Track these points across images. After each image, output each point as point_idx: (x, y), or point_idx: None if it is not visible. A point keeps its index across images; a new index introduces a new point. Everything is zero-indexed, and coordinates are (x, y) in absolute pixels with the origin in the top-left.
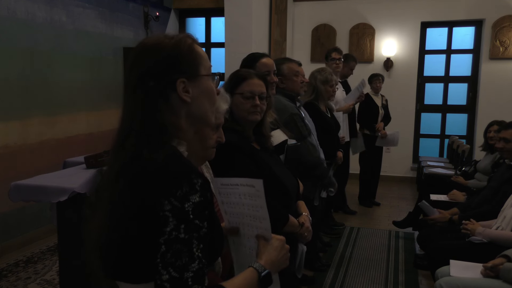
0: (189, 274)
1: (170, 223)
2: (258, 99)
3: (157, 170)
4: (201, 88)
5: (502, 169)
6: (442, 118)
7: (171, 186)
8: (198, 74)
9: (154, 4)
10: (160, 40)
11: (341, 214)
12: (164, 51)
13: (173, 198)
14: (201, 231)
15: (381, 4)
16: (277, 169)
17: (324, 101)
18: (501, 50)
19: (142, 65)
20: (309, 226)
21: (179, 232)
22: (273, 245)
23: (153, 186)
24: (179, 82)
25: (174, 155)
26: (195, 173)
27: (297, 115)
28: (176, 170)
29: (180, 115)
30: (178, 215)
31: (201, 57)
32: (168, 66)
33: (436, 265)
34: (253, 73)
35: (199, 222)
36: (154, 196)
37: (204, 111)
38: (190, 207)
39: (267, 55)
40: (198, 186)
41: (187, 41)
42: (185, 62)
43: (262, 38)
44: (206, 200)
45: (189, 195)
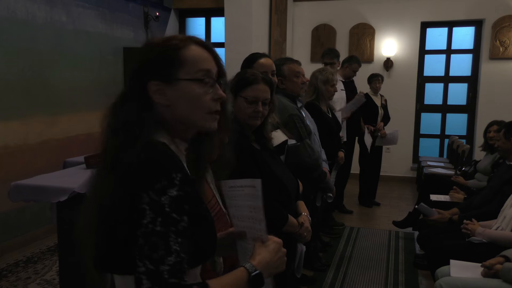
0: (165, 267)
1: (147, 216)
2: (261, 104)
3: (139, 165)
4: (179, 92)
5: (502, 169)
6: (442, 118)
7: (150, 180)
8: (175, 78)
9: (154, 4)
10: (148, 41)
11: (337, 213)
12: (145, 53)
13: (151, 191)
14: (179, 225)
15: (381, 4)
16: (277, 169)
17: (325, 101)
18: (501, 50)
19: (133, 64)
20: (308, 226)
21: (155, 225)
22: (269, 247)
23: (134, 180)
24: (150, 85)
25: (156, 151)
26: (175, 168)
27: (296, 116)
28: (156, 165)
29: (165, 116)
30: (154, 208)
31: (185, 61)
32: (144, 68)
33: (436, 265)
34: (260, 78)
35: (176, 216)
36: (135, 189)
37: (185, 115)
38: (167, 201)
39: (266, 56)
40: (177, 180)
41: (170, 43)
42: (160, 64)
43: (262, 38)
44: (187, 195)
45: (166, 188)
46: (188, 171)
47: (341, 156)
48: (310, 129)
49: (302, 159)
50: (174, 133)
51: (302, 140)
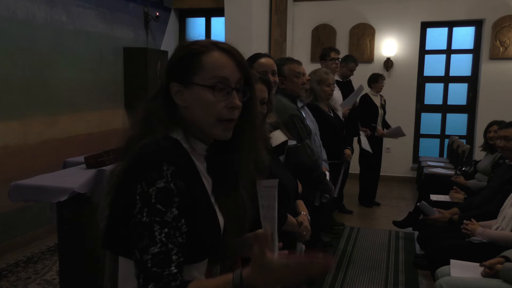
0: (148, 256)
1: (136, 206)
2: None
3: (139, 157)
4: (194, 96)
5: (502, 169)
6: (442, 118)
7: (144, 172)
8: (191, 82)
9: (154, 4)
10: (178, 45)
11: (337, 213)
12: (173, 56)
13: (144, 182)
14: (166, 216)
15: (381, 4)
16: (275, 169)
17: (323, 101)
18: (501, 50)
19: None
20: (307, 226)
21: (142, 215)
22: (271, 264)
23: (134, 171)
24: (172, 85)
25: (158, 144)
26: (169, 161)
27: (296, 116)
28: (151, 157)
29: (184, 116)
30: (143, 199)
31: (203, 66)
32: (169, 69)
33: (436, 265)
34: (257, 77)
35: (161, 207)
36: (133, 179)
37: (196, 119)
38: (154, 192)
39: (267, 55)
40: (168, 173)
41: (191, 48)
42: (182, 68)
43: (262, 38)
44: (177, 187)
45: (155, 179)
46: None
47: (348, 153)
48: (310, 130)
49: (301, 160)
50: (191, 133)
51: (302, 141)
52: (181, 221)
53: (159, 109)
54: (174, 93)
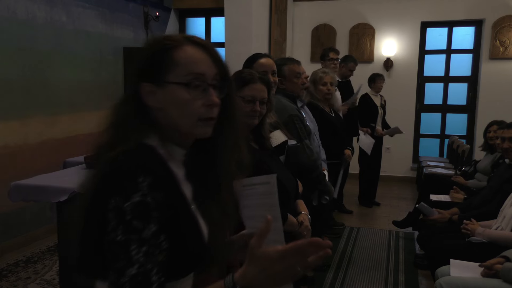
0: (125, 279)
1: (110, 223)
2: (258, 104)
3: (112, 168)
4: (168, 96)
5: (501, 168)
6: (442, 118)
7: (117, 185)
8: (164, 80)
9: (154, 4)
10: (148, 41)
11: (337, 213)
12: (141, 53)
13: (117, 197)
14: (143, 233)
15: (381, 4)
16: (276, 169)
17: (322, 100)
18: (501, 50)
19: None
20: (308, 225)
21: (116, 233)
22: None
23: (106, 184)
24: (143, 86)
25: (132, 154)
26: (145, 172)
27: (296, 117)
28: (124, 168)
29: (158, 119)
30: (117, 215)
31: (176, 63)
32: (139, 68)
33: (436, 265)
34: (256, 77)
35: (138, 223)
36: (105, 194)
37: (173, 120)
38: (129, 207)
39: (267, 56)
40: (145, 185)
41: (162, 43)
42: (153, 66)
43: (262, 38)
44: (155, 200)
45: (130, 193)
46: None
47: (348, 154)
48: (309, 130)
49: (300, 160)
50: (167, 137)
51: (301, 141)
52: (161, 237)
53: (130, 114)
54: (145, 95)
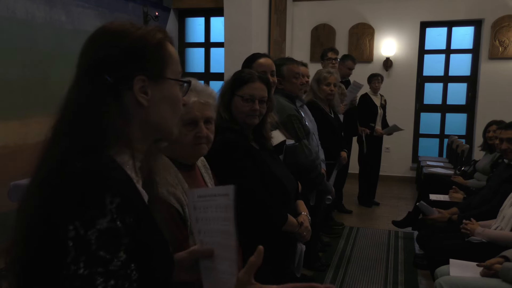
0: None
1: (70, 254)
2: (258, 103)
3: (70, 186)
4: (164, 92)
5: (500, 168)
6: (441, 118)
7: (79, 207)
8: (163, 76)
9: (153, 4)
10: (125, 27)
11: (336, 213)
12: (128, 40)
13: (78, 222)
14: (111, 264)
15: (380, 4)
16: (276, 169)
17: (323, 100)
18: (501, 50)
19: (99, 52)
20: (308, 226)
21: (78, 266)
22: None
23: (62, 206)
24: (137, 80)
25: (95, 167)
26: (112, 191)
27: (294, 117)
28: (88, 187)
29: (132, 120)
30: (78, 245)
31: (171, 58)
32: (129, 58)
33: (435, 265)
34: (256, 76)
35: (105, 253)
36: (61, 218)
37: (163, 120)
38: (94, 235)
39: (266, 56)
40: (113, 208)
41: (156, 35)
42: (150, 58)
43: (261, 38)
44: (125, 225)
45: (96, 219)
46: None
47: (343, 156)
48: (308, 129)
49: (299, 160)
50: (135, 143)
51: (300, 141)
52: (131, 266)
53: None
54: (138, 90)
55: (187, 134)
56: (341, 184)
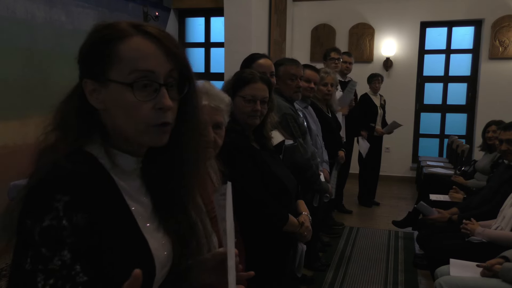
0: None
1: (19, 249)
2: (259, 103)
3: (29, 185)
4: (112, 96)
5: (501, 169)
6: (441, 118)
7: (31, 204)
8: (105, 78)
9: (153, 4)
10: (95, 27)
11: (336, 213)
12: (85, 41)
13: (30, 218)
14: (51, 263)
15: (380, 4)
16: (277, 169)
17: (321, 100)
18: (501, 50)
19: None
20: (309, 226)
21: (24, 261)
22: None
23: (25, 202)
24: (85, 82)
25: (53, 165)
26: (62, 189)
27: (290, 116)
28: (40, 185)
29: (105, 121)
30: (27, 239)
31: (120, 58)
32: (82, 60)
33: (435, 265)
34: (257, 77)
35: (47, 251)
36: (22, 214)
37: (120, 125)
38: (37, 231)
39: (266, 56)
40: (60, 205)
41: (108, 33)
42: (92, 59)
43: (261, 38)
44: (72, 223)
45: (42, 215)
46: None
47: (341, 155)
48: (305, 129)
49: (295, 159)
50: (114, 143)
51: (295, 140)
52: (76, 268)
53: (70, 113)
54: (88, 93)
55: None
56: (342, 184)
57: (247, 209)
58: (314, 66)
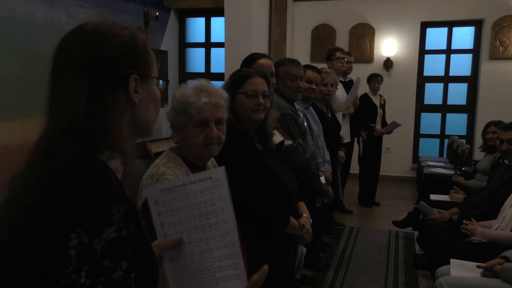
0: None
1: (72, 263)
2: (261, 97)
3: (71, 192)
4: (150, 92)
5: (501, 169)
6: (442, 118)
7: (82, 216)
8: (150, 75)
9: (154, 4)
10: (111, 27)
11: (336, 213)
12: (120, 40)
13: (81, 231)
14: (114, 274)
15: (381, 4)
16: (279, 170)
17: (320, 100)
18: (501, 50)
19: (88, 50)
20: (309, 228)
21: (79, 275)
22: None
23: (62, 213)
24: (132, 79)
25: (97, 173)
26: (117, 200)
27: (289, 115)
28: (92, 194)
29: (123, 119)
30: (82, 254)
31: (153, 57)
32: (122, 57)
33: (435, 265)
34: (254, 72)
35: (110, 263)
36: (61, 226)
37: (149, 118)
38: (100, 244)
39: (266, 56)
40: (118, 217)
41: (142, 36)
42: (139, 57)
43: (262, 38)
44: (130, 234)
45: (102, 228)
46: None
47: (341, 155)
48: (304, 129)
49: (293, 159)
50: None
51: (294, 140)
52: (131, 275)
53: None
54: (132, 89)
55: (197, 135)
56: (342, 184)
57: (248, 210)
58: (316, 67)
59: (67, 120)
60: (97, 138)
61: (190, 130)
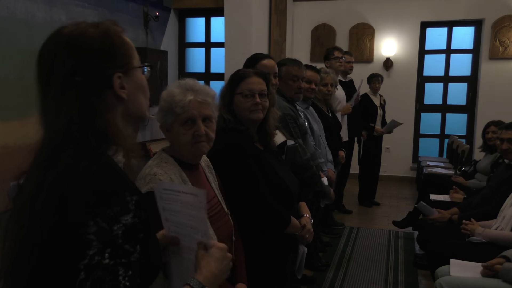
0: None
1: (93, 246)
2: (258, 96)
3: (85, 185)
4: (136, 82)
5: (501, 168)
6: (441, 118)
7: (99, 204)
8: (132, 66)
9: (153, 4)
10: (85, 29)
11: (336, 213)
12: (95, 42)
13: (100, 219)
14: (132, 256)
15: (381, 4)
16: (280, 170)
17: (320, 100)
18: (501, 50)
19: (69, 60)
20: (310, 228)
21: (103, 257)
22: (213, 256)
23: (79, 204)
24: (116, 77)
25: (107, 167)
26: (129, 189)
27: (289, 116)
28: (107, 186)
29: (116, 116)
30: (104, 239)
31: (132, 47)
32: (102, 59)
33: (435, 265)
34: (251, 72)
35: (129, 247)
36: (79, 215)
37: (140, 106)
38: (120, 230)
39: (269, 57)
40: (132, 204)
41: (116, 30)
42: (119, 54)
43: (261, 38)
44: (141, 220)
45: (119, 215)
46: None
47: (341, 155)
48: (305, 130)
49: (294, 160)
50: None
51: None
52: (143, 258)
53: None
54: (117, 87)
55: (185, 133)
56: (342, 184)
57: (249, 210)
58: (315, 67)
59: (61, 131)
60: (95, 139)
61: (178, 129)
